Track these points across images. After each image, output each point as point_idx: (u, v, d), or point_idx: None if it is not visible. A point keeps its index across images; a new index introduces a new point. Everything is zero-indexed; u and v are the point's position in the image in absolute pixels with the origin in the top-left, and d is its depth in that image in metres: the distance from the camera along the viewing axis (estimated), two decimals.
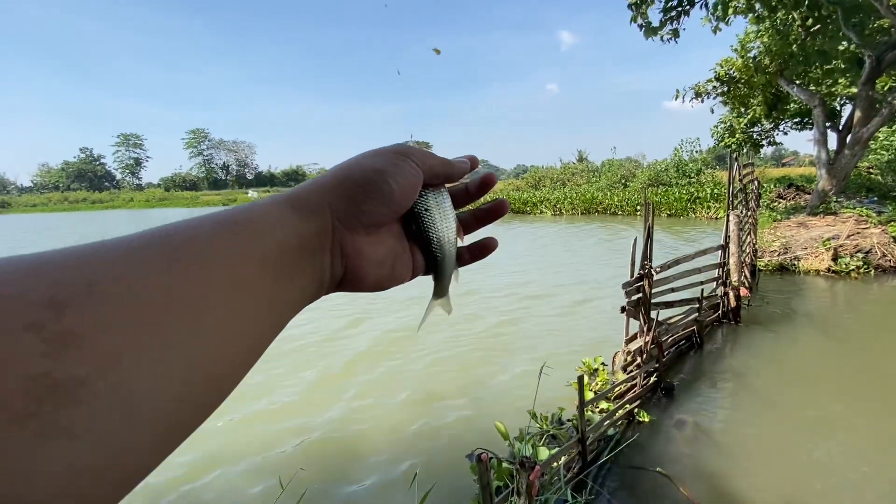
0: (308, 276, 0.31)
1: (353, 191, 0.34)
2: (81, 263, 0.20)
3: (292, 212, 0.31)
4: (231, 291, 0.25)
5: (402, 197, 0.35)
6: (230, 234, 0.27)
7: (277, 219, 0.30)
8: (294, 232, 0.30)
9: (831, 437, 3.69)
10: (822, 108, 14.19)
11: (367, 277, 0.36)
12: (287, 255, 0.29)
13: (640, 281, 4.43)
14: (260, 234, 0.28)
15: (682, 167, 28.30)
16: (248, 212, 0.29)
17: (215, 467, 3.70)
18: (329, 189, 0.33)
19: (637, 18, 12.59)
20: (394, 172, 0.35)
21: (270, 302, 0.28)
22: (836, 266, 9.02)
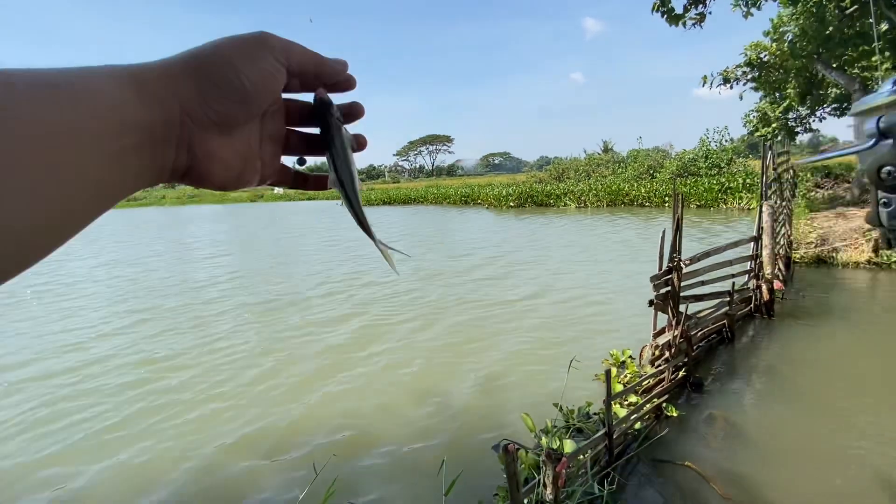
0: (145, 163, 0.29)
1: (204, 85, 0.31)
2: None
3: (135, 95, 0.28)
4: (59, 158, 0.24)
5: (257, 96, 0.33)
6: (65, 96, 0.25)
7: (118, 97, 0.27)
8: (133, 117, 0.28)
9: (867, 436, 3.56)
10: (863, 92, 13.49)
11: (213, 177, 0.34)
12: (123, 138, 0.27)
13: (668, 274, 4.35)
14: (96, 108, 0.26)
15: (710, 157, 27.42)
16: (83, 79, 0.26)
17: (253, 453, 3.86)
18: (179, 78, 0.30)
19: (659, 7, 12.17)
20: (248, 66, 0.32)
21: (99, 179, 0.27)
22: (878, 258, 8.62)
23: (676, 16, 12.42)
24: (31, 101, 0.23)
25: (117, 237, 23.01)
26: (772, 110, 18.72)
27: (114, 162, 0.27)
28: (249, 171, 0.37)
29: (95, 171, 0.26)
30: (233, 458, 3.82)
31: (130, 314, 8.27)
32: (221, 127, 0.33)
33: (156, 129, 0.29)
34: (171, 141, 0.30)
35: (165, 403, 4.81)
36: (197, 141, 0.32)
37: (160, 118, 0.29)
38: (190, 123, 0.31)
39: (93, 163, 0.26)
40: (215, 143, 0.33)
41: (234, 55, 0.32)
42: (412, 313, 7.35)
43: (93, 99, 0.26)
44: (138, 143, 0.28)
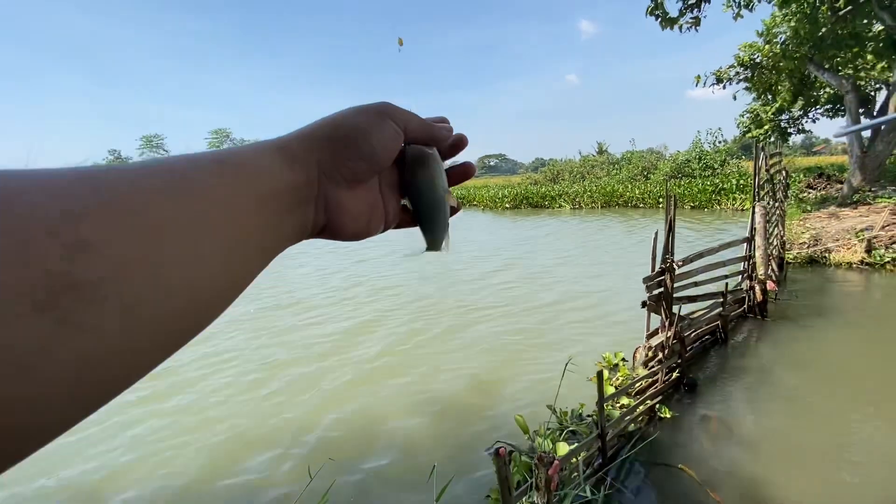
0: (293, 221, 0.33)
1: (337, 147, 0.35)
2: (94, 182, 0.23)
3: (282, 161, 0.33)
4: (229, 223, 0.27)
5: (382, 156, 0.37)
6: (229, 172, 0.29)
7: (269, 166, 0.32)
8: (284, 180, 0.32)
9: (861, 436, 3.57)
10: (855, 93, 13.61)
11: (346, 228, 0.38)
12: (277, 201, 0.31)
13: (661, 275, 4.35)
14: (254, 176, 0.30)
15: (704, 158, 27.58)
16: (240, 155, 0.31)
17: (246, 456, 3.82)
18: (317, 143, 0.35)
19: (655, 10, 12.21)
20: (375, 132, 0.36)
21: (261, 240, 0.30)
22: (870, 258, 8.67)
23: (671, 19, 12.48)
24: (208, 173, 0.27)
25: None
26: (764, 112, 18.86)
27: (271, 223, 0.31)
28: (376, 219, 0.41)
29: (258, 235, 0.30)
30: (225, 462, 3.78)
31: None
32: (350, 183, 0.37)
33: (301, 190, 0.33)
34: (311, 198, 0.35)
35: (152, 411, 4.76)
36: (331, 195, 0.36)
37: (303, 179, 0.33)
38: (325, 180, 0.35)
39: (256, 226, 0.30)
40: (345, 197, 0.37)
41: (362, 123, 0.36)
42: (405, 316, 7.33)
43: (252, 169, 0.30)
44: (289, 204, 0.32)
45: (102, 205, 0.22)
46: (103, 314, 0.21)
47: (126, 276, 0.22)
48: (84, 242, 0.21)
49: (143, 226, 0.23)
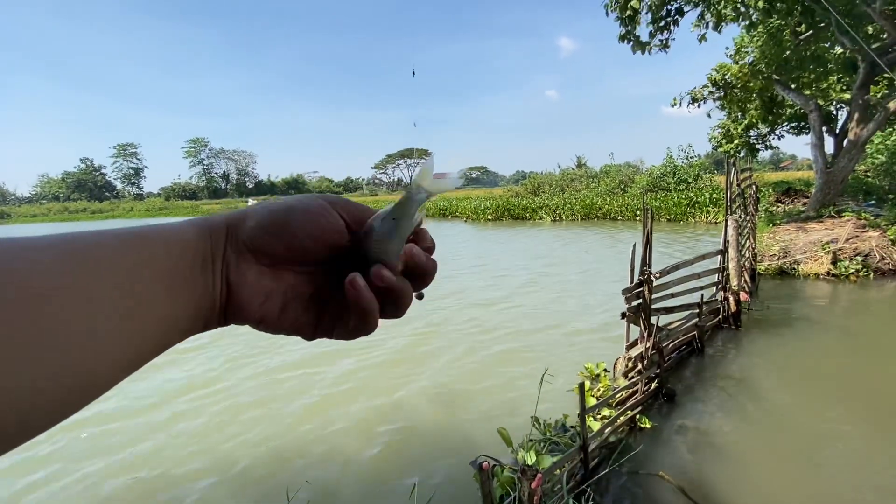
0: (197, 293, 0.31)
1: (255, 218, 0.33)
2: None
3: (193, 228, 0.32)
4: (122, 298, 0.26)
5: (305, 239, 0.34)
6: (130, 244, 0.28)
7: (176, 232, 0.31)
8: (187, 245, 0.31)
9: (833, 442, 3.68)
10: (818, 112, 14.28)
11: (248, 307, 0.33)
12: (178, 266, 0.30)
13: (639, 287, 4.44)
14: (156, 243, 0.29)
15: (678, 172, 28.40)
16: (155, 226, 0.30)
17: (218, 478, 3.69)
18: (237, 214, 0.34)
19: (627, 37, 12.66)
20: (305, 213, 0.34)
21: (159, 315, 0.28)
22: (836, 269, 9.04)
23: (642, 43, 12.95)
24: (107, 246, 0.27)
25: None
26: (734, 128, 19.60)
27: (171, 289, 0.29)
28: (295, 311, 0.36)
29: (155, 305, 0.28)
30: (199, 482, 3.65)
31: None
32: (258, 256, 0.34)
33: (203, 252, 0.32)
34: (216, 263, 0.32)
35: (119, 428, 4.58)
36: (232, 263, 0.33)
37: (206, 243, 0.32)
38: (230, 248, 0.33)
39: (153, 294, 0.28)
40: (250, 270, 0.33)
41: (296, 201, 0.35)
42: (382, 330, 7.26)
43: (157, 236, 0.30)
44: (188, 269, 0.30)
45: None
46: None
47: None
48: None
49: (21, 304, 0.22)
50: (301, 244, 0.34)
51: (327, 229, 0.35)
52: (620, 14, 12.25)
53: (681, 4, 12.28)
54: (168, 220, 0.33)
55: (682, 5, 12.30)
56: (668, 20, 12.54)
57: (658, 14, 12.42)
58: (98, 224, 49.67)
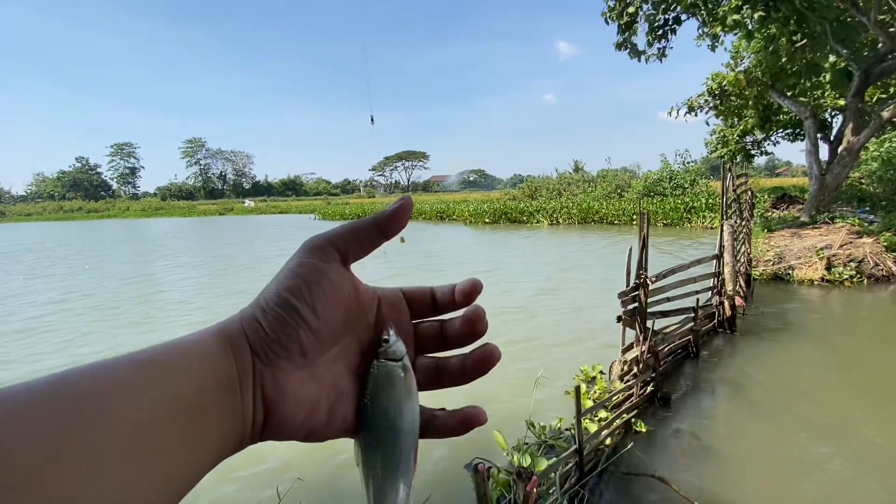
0: (225, 423, 0.27)
1: (266, 315, 0.29)
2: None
3: (216, 343, 0.28)
4: (136, 443, 0.22)
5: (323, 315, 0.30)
6: (145, 375, 0.24)
7: (199, 353, 0.27)
8: (213, 367, 0.26)
9: (826, 446, 3.70)
10: (814, 119, 14.42)
11: (291, 423, 0.29)
12: (203, 396, 0.25)
13: (635, 290, 4.46)
14: (176, 371, 0.25)
15: (674, 178, 28.57)
16: (175, 347, 0.26)
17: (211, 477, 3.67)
18: (247, 313, 0.29)
19: (624, 44, 12.77)
20: (308, 285, 0.30)
21: (180, 461, 0.24)
22: (830, 275, 9.10)
23: (639, 51, 13.06)
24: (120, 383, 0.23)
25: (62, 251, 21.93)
26: (730, 133, 19.76)
27: (194, 421, 0.25)
28: (343, 409, 0.32)
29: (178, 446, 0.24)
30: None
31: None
32: (292, 358, 0.29)
33: (231, 374, 0.27)
34: (246, 385, 0.28)
35: None
36: (268, 383, 0.28)
37: (232, 361, 0.27)
38: (261, 365, 0.28)
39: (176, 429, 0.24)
40: (290, 381, 0.29)
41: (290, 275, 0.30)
42: None
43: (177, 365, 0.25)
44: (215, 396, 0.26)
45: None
46: None
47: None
48: None
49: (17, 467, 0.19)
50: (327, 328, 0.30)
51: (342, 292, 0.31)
52: (618, 20, 12.36)
53: (678, 14, 12.39)
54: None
55: (678, 14, 12.41)
56: (665, 29, 12.65)
57: (654, 23, 12.53)
58: (92, 224, 49.22)
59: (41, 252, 21.78)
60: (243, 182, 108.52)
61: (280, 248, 19.40)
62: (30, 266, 16.71)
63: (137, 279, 13.22)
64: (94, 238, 30.27)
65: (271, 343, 0.28)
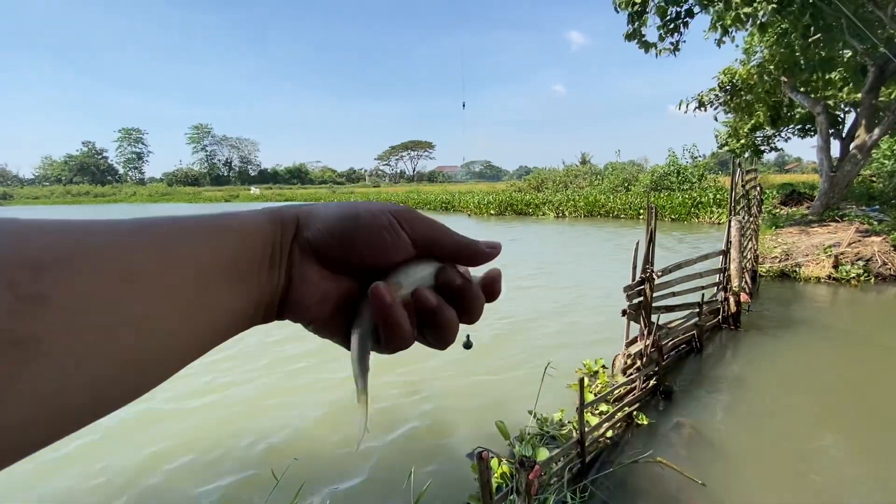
0: (262, 285, 0.31)
1: (323, 220, 0.33)
2: (68, 234, 0.22)
3: (267, 220, 0.32)
4: (198, 289, 0.26)
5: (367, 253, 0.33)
6: (211, 233, 0.29)
7: (252, 223, 0.31)
8: (261, 237, 0.31)
9: (830, 444, 3.71)
10: (826, 115, 14.21)
11: (305, 305, 0.33)
12: (251, 258, 0.30)
13: (641, 284, 4.45)
14: (234, 234, 0.30)
15: (682, 172, 28.33)
16: (233, 216, 0.31)
17: (199, 456, 3.73)
18: (306, 210, 0.34)
19: (634, 35, 12.53)
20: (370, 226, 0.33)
21: (227, 306, 0.29)
22: (837, 273, 9.04)
23: (648, 43, 12.82)
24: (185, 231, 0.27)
25: None
26: (741, 126, 19.52)
27: (243, 276, 0.29)
28: (340, 318, 0.35)
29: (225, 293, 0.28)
30: (175, 461, 3.69)
31: None
32: (322, 262, 0.33)
33: (274, 244, 0.32)
34: (283, 256, 0.32)
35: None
36: (296, 261, 0.33)
37: (277, 233, 0.32)
38: (297, 247, 0.33)
39: (224, 283, 0.28)
40: (313, 270, 0.33)
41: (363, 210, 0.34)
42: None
43: (235, 226, 0.30)
44: (260, 259, 0.31)
45: (69, 256, 0.21)
46: (40, 374, 0.19)
47: (75, 333, 0.21)
48: (41, 296, 0.20)
49: (107, 282, 0.22)
50: (362, 257, 0.34)
51: (390, 246, 0.34)
52: (629, 9, 12.14)
53: (690, 6, 12.16)
54: (236, 208, 0.32)
55: (691, 7, 12.17)
56: (677, 22, 12.40)
57: (666, 16, 12.29)
58: (99, 208, 49.43)
59: None
60: (249, 169, 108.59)
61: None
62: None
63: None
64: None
65: (312, 241, 0.33)
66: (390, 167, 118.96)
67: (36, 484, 3.56)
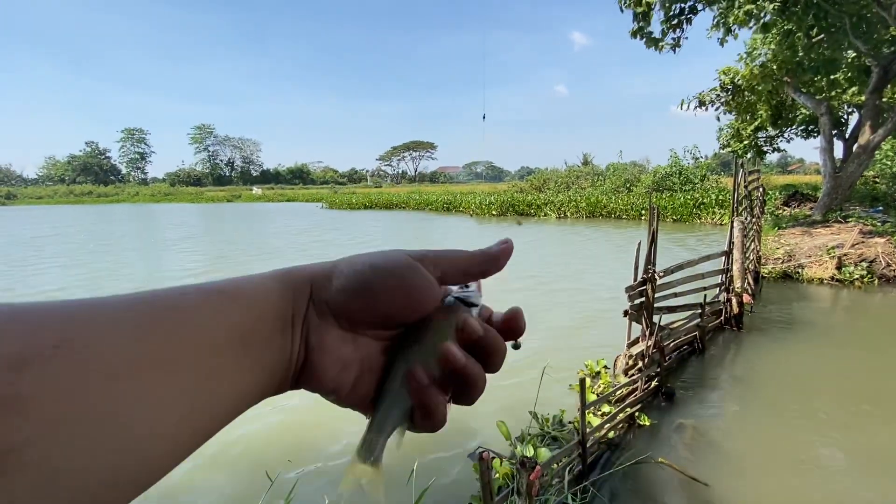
0: (275, 356, 0.29)
1: (340, 277, 0.31)
2: (54, 322, 0.20)
3: (277, 285, 0.30)
4: (200, 368, 0.25)
5: (388, 303, 0.31)
6: (213, 303, 0.27)
7: (260, 290, 0.29)
8: (270, 305, 0.29)
9: (831, 445, 3.69)
10: (829, 116, 14.16)
11: (324, 375, 0.31)
12: (260, 328, 0.28)
13: (643, 285, 4.44)
14: (240, 303, 0.28)
15: (684, 173, 28.27)
16: (236, 282, 0.29)
17: (194, 457, 3.74)
18: (321, 271, 0.32)
19: (639, 32, 12.53)
20: (390, 272, 0.31)
21: (235, 381, 0.27)
22: (840, 275, 9.00)
23: (655, 39, 12.82)
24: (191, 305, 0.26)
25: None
26: (743, 128, 19.47)
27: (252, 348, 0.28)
28: (366, 384, 0.33)
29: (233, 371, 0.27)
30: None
31: None
32: (340, 320, 0.31)
33: (285, 312, 0.30)
34: (296, 324, 0.30)
35: None
36: (313, 327, 0.31)
37: (290, 302, 0.30)
38: (313, 312, 0.31)
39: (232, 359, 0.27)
40: (331, 335, 0.31)
41: (381, 260, 0.32)
42: None
43: (241, 296, 0.28)
44: (270, 327, 0.29)
45: (53, 349, 0.19)
46: (16, 484, 0.17)
47: (57, 437, 0.19)
48: (17, 398, 0.18)
49: (98, 372, 0.20)
50: (384, 309, 0.31)
51: (414, 292, 0.32)
52: (634, 9, 12.13)
53: (694, 3, 12.15)
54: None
55: (694, 3, 12.16)
56: (680, 18, 12.41)
57: (670, 12, 12.29)
58: (101, 208, 49.66)
59: (71, 238, 22.02)
60: (251, 169, 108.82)
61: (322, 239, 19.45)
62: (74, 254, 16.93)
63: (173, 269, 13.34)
64: (121, 223, 30.54)
65: (331, 302, 0.31)
66: (392, 167, 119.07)
67: None
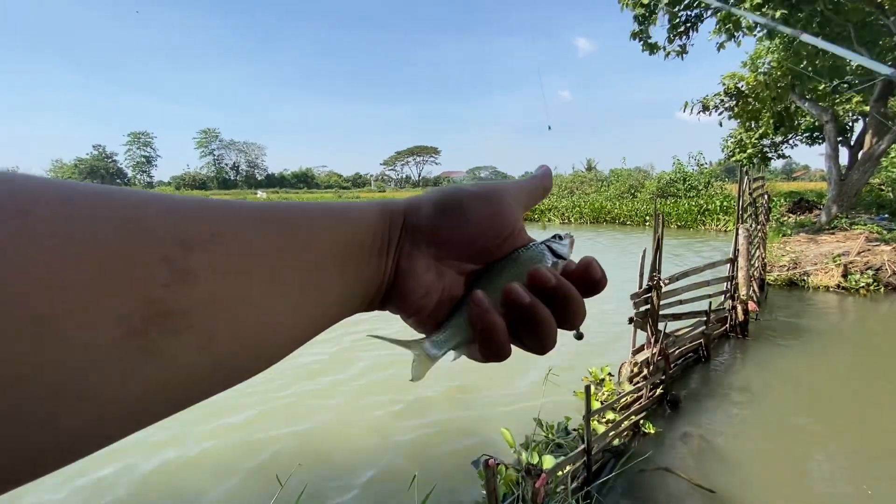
0: (370, 275, 0.32)
1: (430, 202, 0.34)
2: (212, 214, 0.24)
3: (378, 212, 0.33)
4: (318, 274, 0.28)
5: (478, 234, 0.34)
6: (334, 221, 0.30)
7: (367, 214, 0.32)
8: (373, 228, 0.32)
9: (838, 454, 3.67)
10: (834, 123, 14.13)
11: (409, 297, 0.34)
12: (363, 248, 0.31)
13: (648, 292, 4.43)
14: (346, 223, 0.31)
15: (688, 179, 28.23)
16: (351, 206, 0.32)
17: (209, 464, 3.75)
18: (414, 201, 0.35)
19: (638, 35, 12.57)
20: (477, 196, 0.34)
21: (338, 293, 0.30)
22: (846, 283, 8.95)
23: (652, 45, 12.86)
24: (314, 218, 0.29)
25: None
26: (748, 137, 19.43)
27: (360, 263, 0.31)
28: (441, 315, 0.35)
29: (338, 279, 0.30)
30: (186, 472, 3.70)
31: None
32: (429, 248, 0.34)
33: (383, 235, 0.32)
34: (387, 249, 0.33)
35: None
36: (404, 253, 0.33)
37: (387, 225, 0.33)
38: (406, 238, 0.33)
39: (339, 269, 0.30)
40: (419, 262, 0.33)
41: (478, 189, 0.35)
42: (394, 328, 7.30)
43: (353, 215, 0.31)
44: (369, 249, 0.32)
45: (212, 237, 0.23)
46: (183, 344, 0.21)
47: (213, 307, 0.22)
48: (189, 272, 0.22)
49: (242, 260, 0.24)
50: (470, 230, 0.34)
51: (498, 217, 0.35)
52: (634, 10, 12.19)
53: (700, 11, 12.18)
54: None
55: (701, 11, 12.19)
56: (686, 26, 12.44)
57: (675, 19, 12.33)
58: None
59: None
60: (256, 173, 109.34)
61: None
62: None
63: None
64: None
65: (423, 227, 0.33)
66: (396, 172, 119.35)
67: (37, 485, 3.59)
